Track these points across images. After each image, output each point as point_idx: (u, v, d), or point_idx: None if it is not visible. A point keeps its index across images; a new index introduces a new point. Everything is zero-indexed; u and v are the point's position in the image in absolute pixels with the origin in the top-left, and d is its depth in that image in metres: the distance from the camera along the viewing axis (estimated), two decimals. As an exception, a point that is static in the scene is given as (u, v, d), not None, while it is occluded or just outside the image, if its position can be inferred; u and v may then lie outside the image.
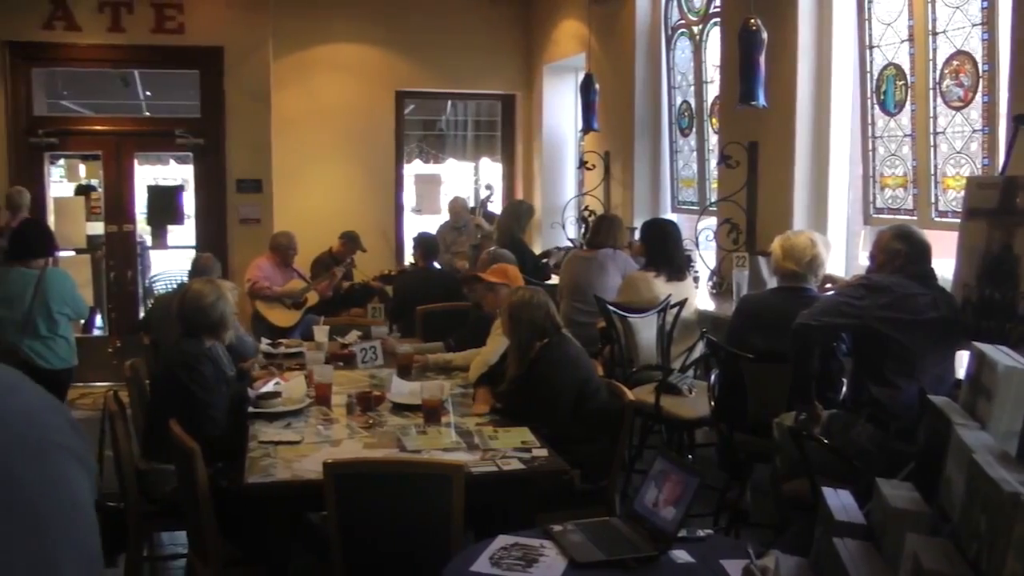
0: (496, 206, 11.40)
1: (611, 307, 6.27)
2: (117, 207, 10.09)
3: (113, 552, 4.64)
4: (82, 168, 11.61)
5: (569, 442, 4.36)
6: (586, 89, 8.96)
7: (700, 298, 7.11)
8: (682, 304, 6.33)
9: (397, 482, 3.63)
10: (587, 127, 9.06)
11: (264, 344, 6.62)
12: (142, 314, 9.59)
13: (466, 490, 3.57)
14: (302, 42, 10.44)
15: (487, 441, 4.25)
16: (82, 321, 7.91)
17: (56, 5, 9.42)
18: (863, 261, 6.03)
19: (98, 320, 10.03)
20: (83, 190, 11.01)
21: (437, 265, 8.76)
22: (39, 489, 1.25)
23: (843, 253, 6.71)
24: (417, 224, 11.88)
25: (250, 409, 4.82)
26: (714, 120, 8.02)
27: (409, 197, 12.66)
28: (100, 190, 10.28)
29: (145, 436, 4.97)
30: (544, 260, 9.20)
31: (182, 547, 5.12)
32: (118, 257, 10.07)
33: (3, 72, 9.44)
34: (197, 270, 6.78)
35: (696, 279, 7.45)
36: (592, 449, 4.57)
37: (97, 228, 10.18)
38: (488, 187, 12.16)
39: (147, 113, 13.81)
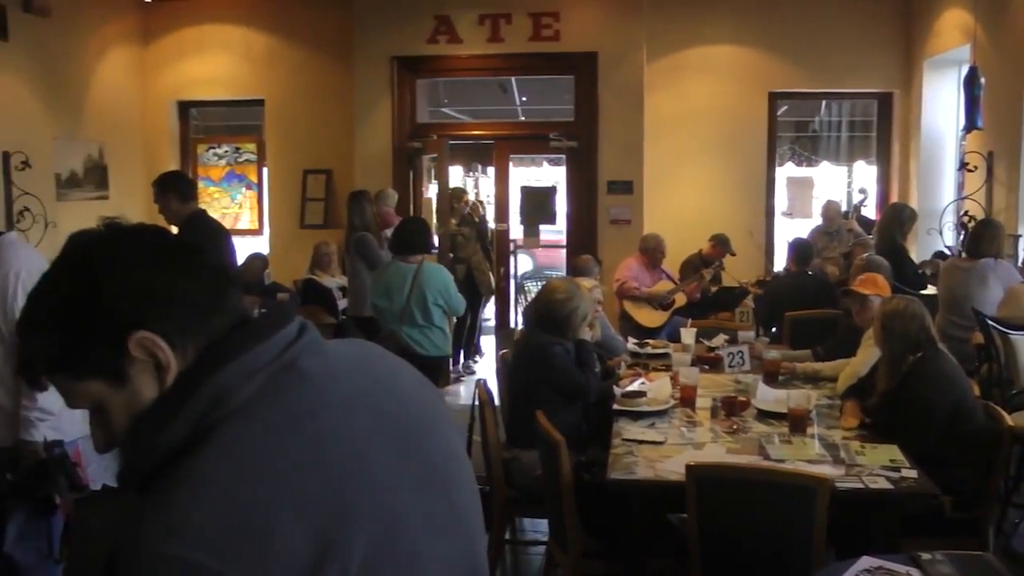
0: (870, 210, 10.93)
1: (991, 322, 5.83)
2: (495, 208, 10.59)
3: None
4: (456, 171, 12.24)
5: (940, 465, 4.07)
6: (970, 84, 8.35)
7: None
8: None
9: (759, 490, 3.55)
10: (970, 125, 8.44)
11: (631, 343, 6.69)
12: (512, 310, 10.03)
13: (829, 505, 3.44)
14: (675, 45, 10.45)
15: (853, 456, 4.07)
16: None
17: (439, 21, 10.05)
18: None
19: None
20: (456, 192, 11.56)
21: (810, 271, 8.50)
22: (446, 463, 1.41)
23: None
24: (787, 228, 11.61)
25: (615, 406, 4.90)
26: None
27: (780, 200, 12.39)
28: (474, 191, 10.81)
29: (509, 424, 5.17)
30: (921, 271, 8.70)
31: (542, 535, 5.29)
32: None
33: (391, 84, 10.15)
34: (576, 270, 6.96)
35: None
36: (965, 475, 4.26)
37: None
38: (862, 191, 11.69)
39: (522, 118, 14.36)
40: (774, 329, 7.34)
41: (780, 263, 9.73)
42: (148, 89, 11.20)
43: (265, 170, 11.28)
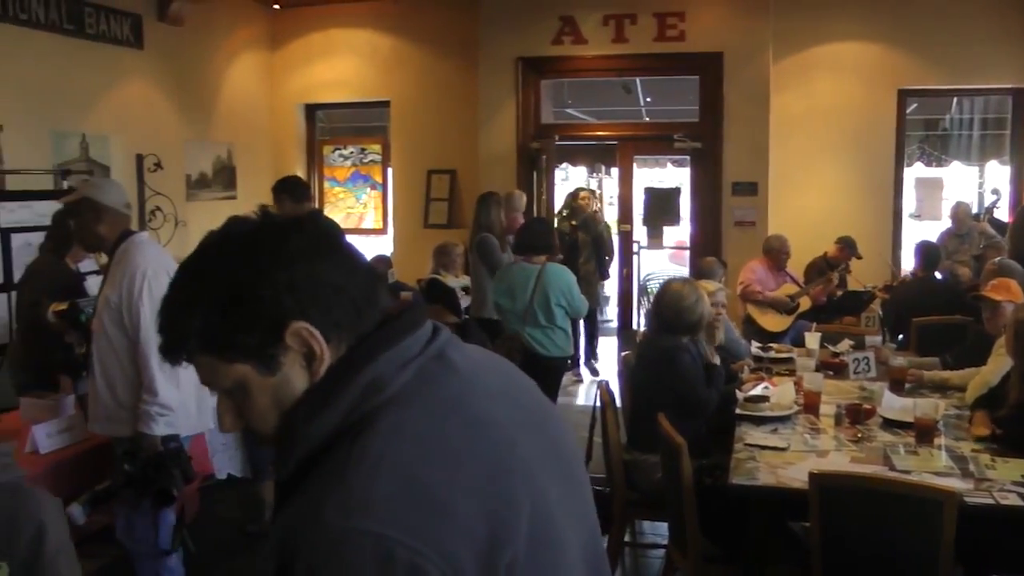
0: (1003, 212, 10.59)
1: None
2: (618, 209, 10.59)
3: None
4: (580, 171, 12.26)
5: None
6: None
7: None
8: None
9: (885, 501, 3.49)
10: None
11: (754, 347, 6.65)
12: (635, 311, 10.01)
13: (957, 520, 3.37)
14: (801, 43, 10.29)
15: (983, 470, 3.97)
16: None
17: (564, 22, 10.13)
18: None
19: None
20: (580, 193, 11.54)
21: (938, 275, 8.29)
22: (575, 459, 1.50)
23: None
24: (916, 230, 11.33)
25: (737, 410, 4.88)
26: None
27: (908, 202, 12.08)
28: (596, 191, 10.80)
29: (631, 427, 5.18)
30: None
31: (662, 538, 5.30)
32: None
33: (516, 85, 10.28)
34: (701, 272, 6.94)
35: None
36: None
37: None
38: (995, 191, 11.33)
39: (646, 119, 14.30)
40: (901, 335, 7.20)
41: (908, 266, 9.49)
42: (276, 92, 11.57)
43: (390, 170, 11.50)
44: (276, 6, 11.19)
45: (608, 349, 10.50)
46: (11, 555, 2.08)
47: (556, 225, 9.61)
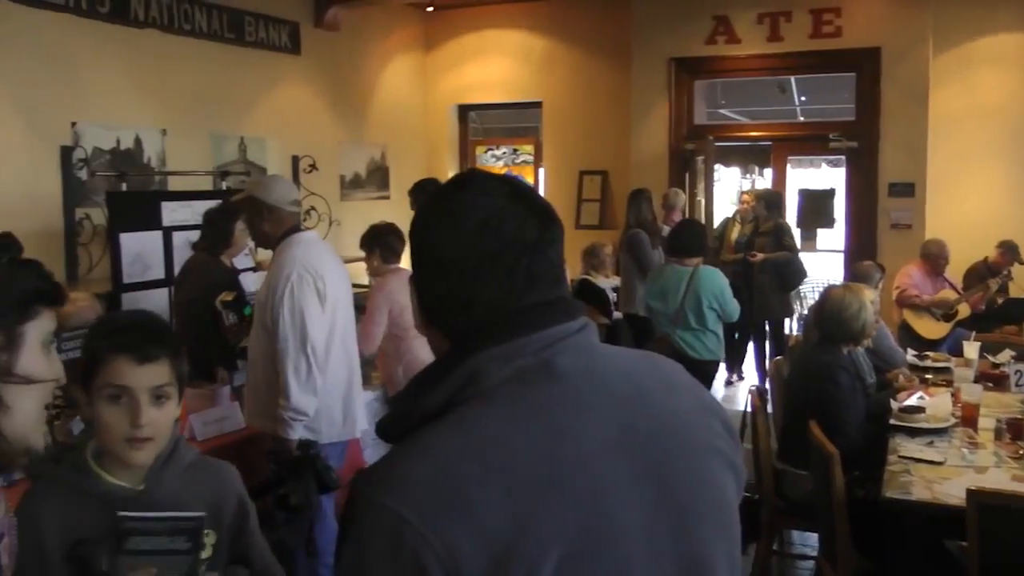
0: None
1: None
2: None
3: (745, 541, 4.86)
4: (733, 172, 12.13)
5: None
6: None
7: None
8: None
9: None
10: None
11: (910, 355, 6.50)
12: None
13: None
14: (963, 35, 9.92)
15: None
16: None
17: (718, 21, 10.08)
18: None
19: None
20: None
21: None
22: (689, 489, 1.39)
23: None
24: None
25: (891, 421, 4.79)
26: None
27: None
28: (747, 193, 10.64)
29: (783, 436, 5.14)
30: None
31: (811, 549, 5.25)
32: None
33: (668, 86, 10.29)
34: (857, 276, 6.81)
35: None
36: None
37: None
38: None
39: (801, 118, 14.07)
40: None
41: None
42: (429, 94, 11.81)
43: (542, 171, 11.61)
44: (430, 8, 11.41)
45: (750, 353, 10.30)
46: (218, 528, 2.21)
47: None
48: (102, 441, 2.13)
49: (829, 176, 15.56)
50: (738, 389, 9.45)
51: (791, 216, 10.70)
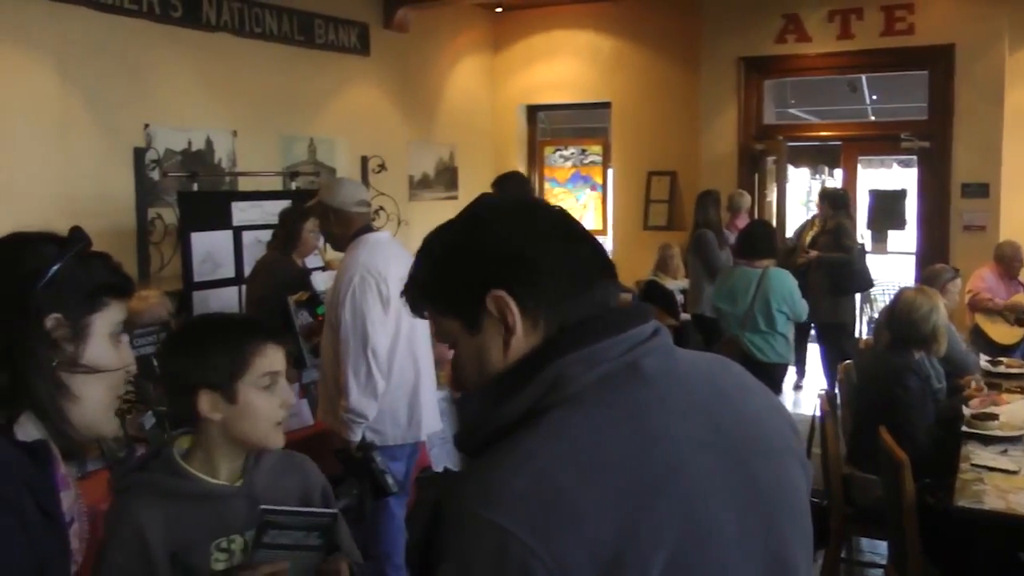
0: None
1: None
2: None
3: (814, 548, 4.81)
4: (802, 172, 11.98)
5: None
6: None
7: None
8: None
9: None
10: None
11: (983, 360, 6.38)
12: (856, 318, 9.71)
13: None
14: (1042, 32, 9.73)
15: None
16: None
17: (788, 20, 9.97)
18: None
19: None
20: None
21: None
22: (773, 490, 1.40)
23: None
24: None
25: (964, 428, 4.71)
26: None
27: None
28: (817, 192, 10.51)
29: (852, 441, 5.08)
30: None
31: (880, 557, 5.17)
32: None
33: (737, 85, 10.21)
34: (929, 279, 6.70)
35: None
36: None
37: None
38: None
39: (872, 117, 13.88)
40: None
41: None
42: (497, 94, 11.85)
43: (610, 171, 11.58)
44: (498, 9, 11.46)
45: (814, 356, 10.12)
46: None
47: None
48: (244, 431, 2.17)
49: (901, 177, 15.31)
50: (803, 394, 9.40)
51: (861, 217, 10.56)
